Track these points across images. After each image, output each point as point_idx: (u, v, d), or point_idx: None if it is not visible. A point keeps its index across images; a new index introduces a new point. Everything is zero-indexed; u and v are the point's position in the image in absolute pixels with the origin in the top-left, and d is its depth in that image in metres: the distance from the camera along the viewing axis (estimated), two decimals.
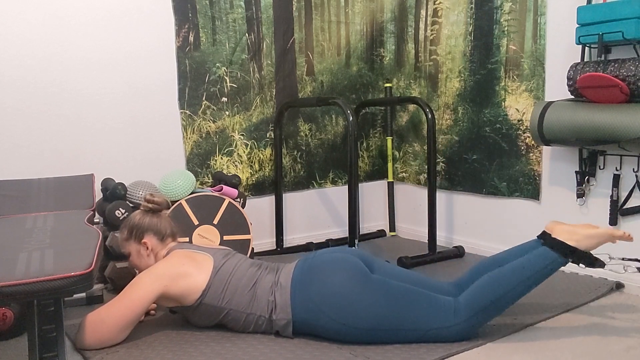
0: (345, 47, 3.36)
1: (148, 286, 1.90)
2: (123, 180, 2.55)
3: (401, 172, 3.45)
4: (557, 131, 2.35)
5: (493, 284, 1.85)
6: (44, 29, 2.49)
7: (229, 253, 2.08)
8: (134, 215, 2.13)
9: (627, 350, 1.80)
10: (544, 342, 1.87)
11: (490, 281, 1.86)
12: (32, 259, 1.49)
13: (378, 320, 1.82)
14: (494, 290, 1.84)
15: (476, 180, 2.98)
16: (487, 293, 1.83)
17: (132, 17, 2.68)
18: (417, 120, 3.31)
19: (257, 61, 3.05)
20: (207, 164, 2.93)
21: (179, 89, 2.83)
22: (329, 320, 1.84)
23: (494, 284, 1.84)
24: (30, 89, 2.48)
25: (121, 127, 2.70)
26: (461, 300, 1.85)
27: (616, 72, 2.19)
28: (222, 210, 2.59)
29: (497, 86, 2.83)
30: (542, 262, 1.86)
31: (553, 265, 1.86)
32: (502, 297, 1.83)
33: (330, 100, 2.75)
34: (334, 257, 1.93)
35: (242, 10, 2.97)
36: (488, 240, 2.95)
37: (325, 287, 1.85)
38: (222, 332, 1.97)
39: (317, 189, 3.34)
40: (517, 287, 1.84)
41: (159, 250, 2.09)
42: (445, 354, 1.77)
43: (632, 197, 2.36)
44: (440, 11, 3.09)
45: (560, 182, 2.61)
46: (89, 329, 1.85)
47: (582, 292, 2.30)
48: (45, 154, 2.52)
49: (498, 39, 2.80)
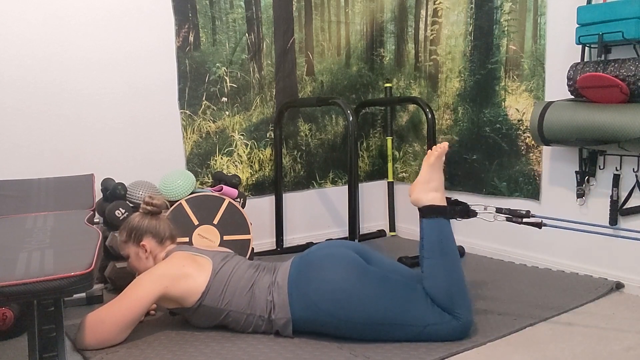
0: (345, 47, 3.36)
1: (148, 287, 1.90)
2: (123, 180, 2.55)
3: (401, 172, 3.45)
4: (557, 131, 2.35)
5: (434, 277, 1.86)
6: (44, 29, 2.49)
7: (227, 255, 2.08)
8: (133, 217, 2.13)
9: (627, 350, 1.80)
10: (544, 342, 1.87)
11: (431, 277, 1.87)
12: (32, 259, 1.49)
13: (376, 315, 1.82)
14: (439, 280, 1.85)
15: (476, 180, 2.98)
16: (439, 287, 1.85)
17: (132, 17, 2.68)
18: (417, 120, 3.31)
19: (257, 61, 3.05)
20: (207, 164, 2.93)
21: (179, 89, 2.83)
22: (327, 316, 1.84)
23: (434, 277, 1.86)
24: (30, 89, 2.48)
25: (121, 127, 2.70)
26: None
27: (616, 72, 2.19)
28: (222, 210, 2.58)
29: (497, 86, 2.83)
30: (435, 234, 1.89)
31: (442, 227, 1.90)
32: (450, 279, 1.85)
33: (330, 100, 2.75)
34: (330, 253, 1.93)
35: (242, 10, 2.97)
36: (488, 240, 2.95)
37: (322, 283, 1.85)
38: (222, 332, 1.98)
39: (317, 189, 3.34)
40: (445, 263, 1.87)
41: (157, 252, 2.09)
42: (445, 354, 1.77)
43: (632, 197, 2.36)
44: (440, 11, 3.09)
45: (560, 182, 2.61)
46: (89, 329, 1.85)
47: (582, 292, 2.30)
48: (45, 154, 2.52)
49: (498, 39, 2.80)
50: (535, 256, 2.73)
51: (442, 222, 1.91)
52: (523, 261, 2.77)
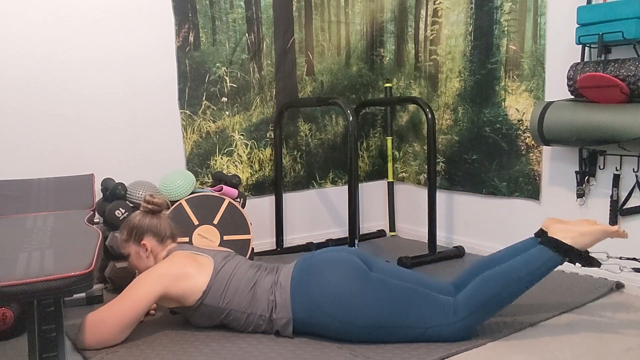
0: (345, 47, 3.36)
1: (149, 286, 1.90)
2: (123, 180, 2.55)
3: (401, 172, 3.45)
4: (557, 131, 2.35)
5: (490, 282, 1.85)
6: (44, 29, 2.49)
7: (228, 255, 2.08)
8: (134, 216, 2.13)
9: (627, 350, 1.80)
10: (544, 342, 1.87)
11: (487, 280, 1.86)
12: (32, 259, 1.49)
13: (378, 318, 1.82)
14: (491, 288, 1.84)
15: (476, 180, 2.98)
16: (484, 292, 1.84)
17: (132, 17, 2.68)
18: (417, 120, 3.31)
19: (257, 61, 3.05)
20: (207, 164, 2.93)
21: (179, 89, 2.83)
22: (328, 318, 1.84)
23: (491, 283, 1.85)
24: (30, 89, 2.48)
25: (121, 127, 2.70)
26: (459, 299, 1.85)
27: (616, 72, 2.19)
28: (222, 210, 2.58)
29: (497, 86, 2.83)
30: (538, 261, 1.86)
31: (549, 264, 1.86)
32: (499, 295, 1.83)
33: (330, 100, 2.75)
34: (333, 256, 1.93)
35: (242, 10, 2.97)
36: (488, 240, 2.95)
37: (324, 286, 1.85)
38: (222, 332, 1.98)
39: (317, 189, 3.34)
40: (513, 285, 1.84)
41: (158, 251, 2.09)
42: (445, 354, 1.77)
43: (632, 197, 2.36)
44: (440, 11, 3.09)
45: (560, 182, 2.61)
46: (89, 329, 1.85)
47: (582, 292, 2.30)
48: (45, 154, 2.52)
49: (498, 39, 2.80)
50: None
51: (553, 259, 1.85)
52: None
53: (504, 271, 1.86)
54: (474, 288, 1.85)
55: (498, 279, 1.85)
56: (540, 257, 1.86)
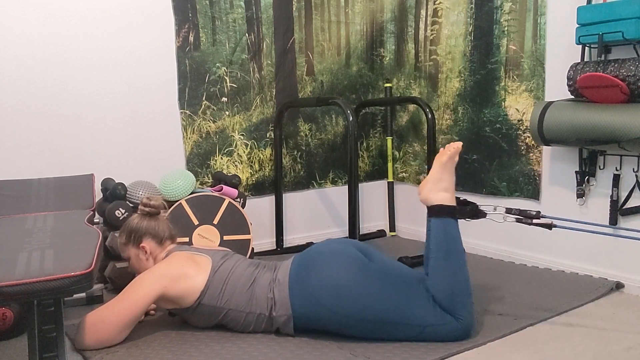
0: (345, 47, 3.36)
1: (148, 286, 1.90)
2: (123, 180, 2.55)
3: (401, 172, 3.45)
4: (557, 131, 2.35)
5: (437, 277, 1.85)
6: (44, 29, 2.49)
7: (227, 254, 2.08)
8: (132, 219, 2.13)
9: (627, 350, 1.80)
10: (544, 342, 1.87)
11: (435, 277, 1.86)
12: (32, 259, 1.49)
13: (377, 311, 1.82)
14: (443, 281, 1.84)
15: (476, 180, 2.98)
16: (442, 287, 1.84)
17: (132, 17, 2.68)
18: (417, 120, 3.31)
19: (257, 61, 3.05)
20: (207, 164, 2.93)
21: (179, 89, 2.83)
22: (328, 312, 1.84)
23: (438, 278, 1.85)
24: (30, 89, 2.48)
25: (121, 127, 2.70)
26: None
27: (616, 72, 2.19)
28: (222, 210, 2.58)
29: (497, 86, 2.83)
30: (442, 234, 1.88)
31: (449, 228, 1.89)
32: (454, 280, 1.84)
33: (330, 100, 2.75)
34: (331, 249, 1.93)
35: (242, 10, 2.97)
36: (488, 240, 2.95)
37: (323, 280, 1.85)
38: (222, 332, 1.97)
39: (317, 189, 3.34)
40: (449, 264, 1.85)
41: (157, 253, 2.09)
42: (445, 354, 1.77)
43: (632, 197, 2.36)
44: (440, 11, 3.09)
45: (560, 182, 2.61)
46: (89, 329, 1.85)
47: (582, 292, 2.30)
48: (45, 154, 2.52)
49: (498, 39, 2.80)
50: (535, 256, 2.73)
51: (449, 222, 1.89)
52: (523, 261, 2.77)
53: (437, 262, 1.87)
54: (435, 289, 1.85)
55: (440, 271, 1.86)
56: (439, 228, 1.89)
